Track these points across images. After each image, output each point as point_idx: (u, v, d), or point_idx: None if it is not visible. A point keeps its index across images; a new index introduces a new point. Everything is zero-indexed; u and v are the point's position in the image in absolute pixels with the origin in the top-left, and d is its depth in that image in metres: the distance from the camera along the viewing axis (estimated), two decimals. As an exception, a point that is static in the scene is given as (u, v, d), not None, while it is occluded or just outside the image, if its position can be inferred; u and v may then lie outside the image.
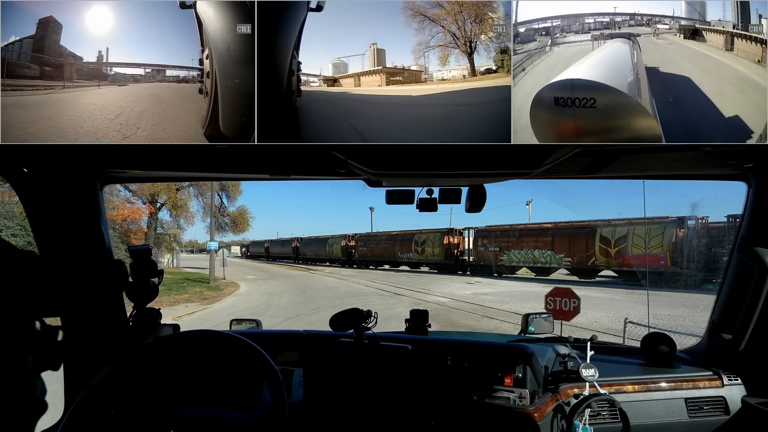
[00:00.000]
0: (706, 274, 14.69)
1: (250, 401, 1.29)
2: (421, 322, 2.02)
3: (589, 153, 1.25)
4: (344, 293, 16.01)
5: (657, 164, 1.48)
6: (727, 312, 1.66)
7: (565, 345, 1.93)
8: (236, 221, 27.58)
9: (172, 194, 22.93)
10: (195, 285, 18.32)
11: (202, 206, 25.17)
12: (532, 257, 21.86)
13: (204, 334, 1.36)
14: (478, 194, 1.60)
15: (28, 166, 1.34)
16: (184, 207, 24.67)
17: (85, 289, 1.50)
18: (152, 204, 22.04)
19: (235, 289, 18.76)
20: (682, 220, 16.36)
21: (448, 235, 26.36)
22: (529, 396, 1.63)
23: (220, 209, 26.58)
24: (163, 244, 24.86)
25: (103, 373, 1.25)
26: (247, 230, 29.24)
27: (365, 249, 33.80)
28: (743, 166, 1.43)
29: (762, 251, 1.48)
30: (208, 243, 23.46)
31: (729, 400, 1.66)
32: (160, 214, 23.79)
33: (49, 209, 1.44)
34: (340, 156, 1.24)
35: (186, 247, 48.53)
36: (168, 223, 25.18)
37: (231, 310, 12.53)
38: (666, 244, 16.62)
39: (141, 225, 21.05)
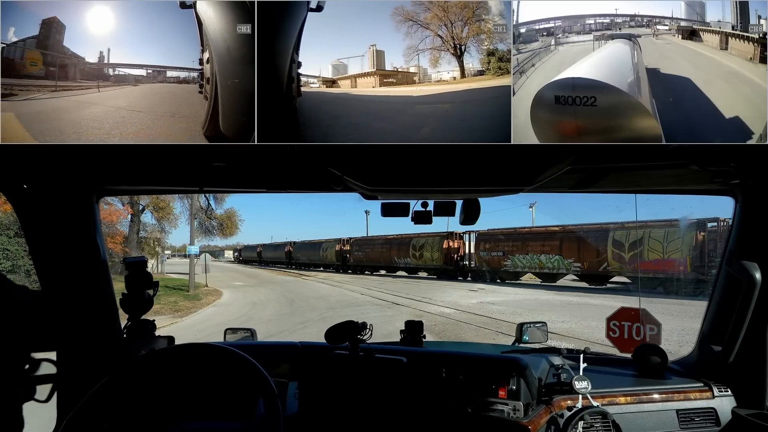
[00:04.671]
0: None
1: (245, 413, 1.34)
2: (416, 333, 2.13)
3: (581, 170, 1.36)
4: (337, 303, 15.68)
5: (648, 180, 1.63)
6: (716, 324, 1.78)
7: (558, 356, 2.03)
8: (224, 225, 27.51)
9: (153, 196, 22.84)
10: (171, 294, 17.60)
11: (186, 208, 25.10)
12: (538, 262, 21.75)
13: (198, 347, 1.42)
14: (472, 207, 1.73)
15: (26, 180, 1.42)
16: (167, 209, 24.62)
17: (81, 303, 1.58)
18: (131, 206, 21.95)
19: (216, 299, 18.24)
20: (702, 223, 16.09)
21: (447, 239, 26.41)
22: (523, 408, 1.72)
23: (207, 212, 26.50)
24: (146, 249, 24.77)
25: (97, 387, 1.31)
26: (235, 234, 29.23)
27: (360, 254, 33.84)
28: (731, 182, 1.55)
29: (749, 265, 1.60)
30: (188, 247, 23.08)
31: (719, 411, 1.77)
32: (143, 217, 23.76)
33: (45, 222, 1.52)
34: (337, 173, 1.33)
35: (180, 251, 48.46)
36: (151, 226, 25.15)
37: (204, 324, 11.90)
38: (686, 248, 16.47)
39: (119, 228, 20.94)
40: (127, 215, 21.70)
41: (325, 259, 38.64)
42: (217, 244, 30.37)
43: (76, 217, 1.57)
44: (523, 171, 1.30)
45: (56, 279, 1.56)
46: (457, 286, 21.97)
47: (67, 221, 1.55)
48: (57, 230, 1.54)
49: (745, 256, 1.63)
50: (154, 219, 25.00)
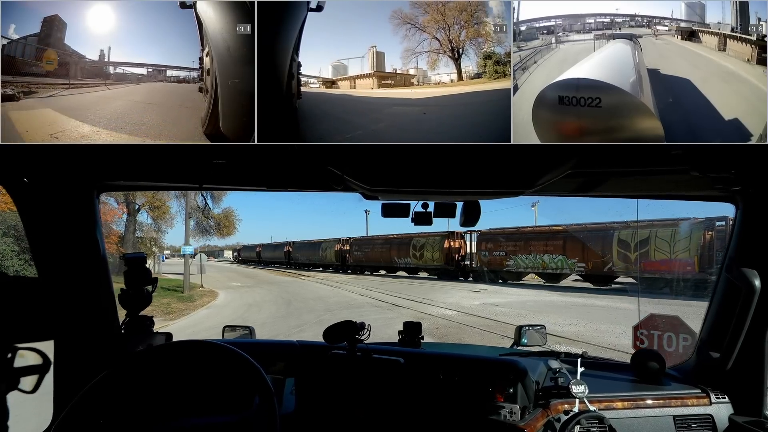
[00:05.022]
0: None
1: (241, 410, 1.37)
2: (414, 334, 2.16)
3: (582, 174, 1.38)
4: (335, 304, 15.55)
5: (648, 185, 1.65)
6: (715, 331, 1.80)
7: (556, 359, 2.06)
8: (221, 224, 27.47)
9: (149, 194, 22.81)
10: (165, 295, 17.37)
11: (183, 207, 25.06)
12: (541, 263, 21.75)
13: (196, 344, 1.45)
14: (472, 209, 1.76)
15: (27, 174, 1.44)
16: (162, 208, 24.59)
17: (79, 297, 1.60)
18: (126, 205, 21.94)
19: (210, 300, 18.03)
20: (711, 222, 15.96)
21: (448, 238, 26.48)
22: (520, 411, 1.75)
23: (204, 211, 26.46)
24: (142, 249, 24.77)
25: (95, 381, 1.34)
26: (233, 234, 29.12)
27: (360, 254, 33.92)
28: (731, 189, 1.58)
29: (748, 272, 1.62)
30: (182, 247, 22.72)
31: (716, 418, 1.79)
32: (139, 217, 23.74)
33: (45, 217, 1.53)
34: (337, 172, 1.35)
35: (179, 251, 48.78)
36: (147, 226, 25.12)
37: (195, 328, 11.60)
38: (693, 248, 16.38)
39: (114, 228, 20.92)
40: (122, 215, 21.71)
41: (324, 259, 38.74)
42: (216, 244, 30.69)
43: (76, 212, 1.59)
44: (524, 173, 1.32)
45: (55, 273, 1.58)
46: (458, 286, 21.96)
47: (68, 216, 1.57)
48: (57, 224, 1.55)
49: (745, 263, 1.65)
50: (150, 218, 25.00)
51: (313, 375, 1.87)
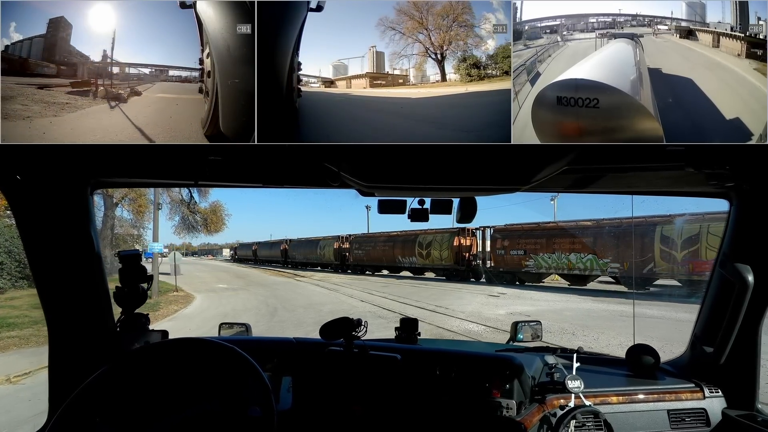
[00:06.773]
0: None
1: (237, 407, 1.52)
2: (411, 330, 2.36)
3: (577, 170, 1.54)
4: (329, 314, 12.62)
5: (643, 182, 1.82)
6: (709, 326, 1.98)
7: (552, 355, 2.25)
8: (208, 220, 27.52)
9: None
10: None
11: (168, 201, 25.08)
12: (567, 263, 21.23)
13: (192, 341, 1.61)
14: (469, 206, 1.90)
15: (21, 172, 1.57)
16: (139, 200, 24.52)
17: (74, 295, 1.74)
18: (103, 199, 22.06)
19: (180, 308, 16.69)
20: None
21: (458, 235, 26.40)
22: (516, 406, 1.92)
23: (189, 205, 26.51)
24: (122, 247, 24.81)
25: (90, 379, 1.49)
26: (221, 230, 29.23)
27: (361, 252, 34.06)
28: (725, 186, 1.73)
29: (742, 267, 1.79)
30: (149, 244, 21.34)
31: (710, 412, 1.98)
32: (117, 211, 23.87)
33: (38, 214, 1.67)
34: (334, 168, 1.50)
35: (179, 249, 48.93)
36: (127, 222, 25.22)
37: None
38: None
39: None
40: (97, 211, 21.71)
41: (322, 258, 38.97)
42: (216, 242, 30.70)
43: (70, 209, 1.72)
44: (520, 170, 1.46)
45: (49, 270, 1.71)
46: (472, 289, 21.65)
47: (61, 213, 1.70)
48: (51, 222, 1.68)
49: (739, 258, 1.81)
50: (129, 213, 25.13)
51: (310, 372, 2.04)
